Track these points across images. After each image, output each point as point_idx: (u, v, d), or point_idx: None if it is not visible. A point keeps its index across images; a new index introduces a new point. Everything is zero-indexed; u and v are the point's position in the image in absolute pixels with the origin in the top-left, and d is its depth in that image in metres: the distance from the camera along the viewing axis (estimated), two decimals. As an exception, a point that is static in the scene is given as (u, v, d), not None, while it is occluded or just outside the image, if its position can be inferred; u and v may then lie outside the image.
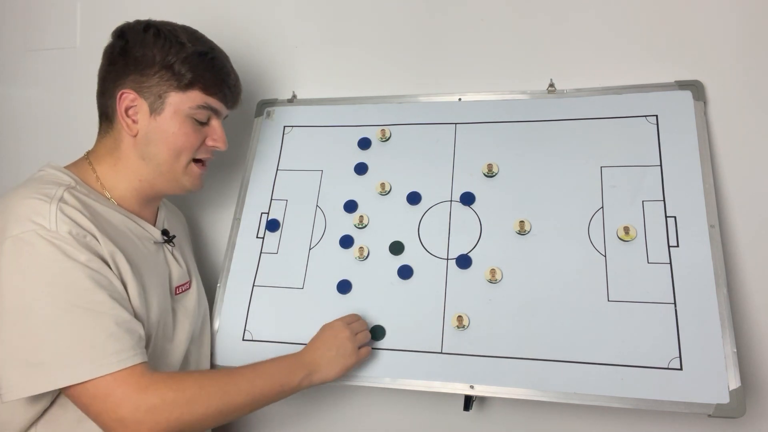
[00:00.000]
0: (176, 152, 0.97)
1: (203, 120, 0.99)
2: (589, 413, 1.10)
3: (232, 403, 0.86)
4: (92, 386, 0.79)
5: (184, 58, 0.95)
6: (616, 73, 1.13)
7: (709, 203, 0.99)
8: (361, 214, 1.15)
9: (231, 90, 1.03)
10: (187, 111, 0.96)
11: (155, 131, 0.96)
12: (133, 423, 0.78)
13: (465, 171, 1.13)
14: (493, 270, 1.04)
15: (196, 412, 0.82)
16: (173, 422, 0.80)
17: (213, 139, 1.02)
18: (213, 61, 0.99)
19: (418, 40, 1.26)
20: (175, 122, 0.96)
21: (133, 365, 0.81)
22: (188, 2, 1.38)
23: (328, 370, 0.95)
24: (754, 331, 1.03)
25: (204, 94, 0.98)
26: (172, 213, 1.17)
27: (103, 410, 0.79)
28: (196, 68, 0.96)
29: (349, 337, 0.98)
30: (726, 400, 0.88)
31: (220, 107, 1.01)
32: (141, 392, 0.79)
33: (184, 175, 1.00)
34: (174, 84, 0.95)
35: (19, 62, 1.52)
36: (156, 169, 0.98)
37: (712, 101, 1.08)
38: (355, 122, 1.23)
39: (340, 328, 0.99)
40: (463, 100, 1.19)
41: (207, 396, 0.83)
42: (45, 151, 1.49)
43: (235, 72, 1.05)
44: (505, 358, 0.99)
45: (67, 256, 0.81)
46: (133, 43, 0.96)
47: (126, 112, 0.95)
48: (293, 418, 1.26)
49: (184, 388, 0.82)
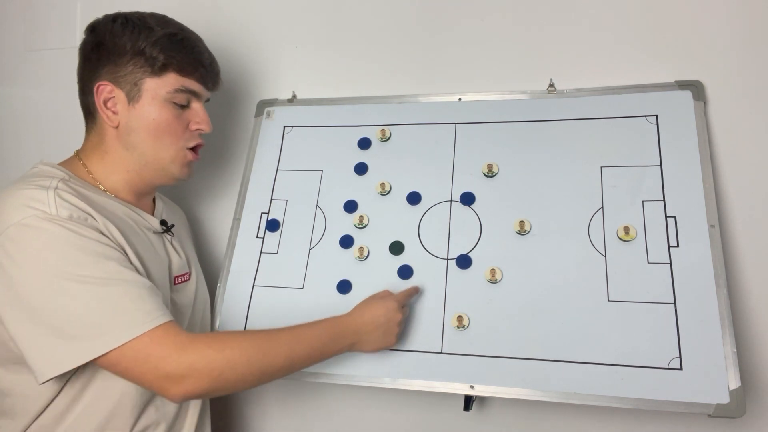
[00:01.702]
0: (159, 139, 0.97)
1: (183, 103, 0.98)
2: (589, 413, 1.10)
3: (272, 365, 0.86)
4: (130, 349, 0.79)
5: (154, 41, 0.95)
6: (616, 73, 1.13)
7: (709, 203, 0.99)
8: (361, 214, 1.15)
9: (207, 69, 1.01)
10: (164, 95, 0.96)
11: (135, 119, 0.95)
12: (179, 378, 0.79)
13: (465, 171, 1.13)
14: (493, 270, 1.04)
15: (237, 371, 0.82)
16: (215, 379, 0.80)
17: (196, 122, 1.01)
18: (183, 41, 0.98)
19: (418, 40, 1.26)
20: (154, 108, 0.95)
21: (166, 322, 0.81)
22: (188, 2, 1.38)
23: (368, 345, 0.96)
24: (754, 331, 1.03)
25: (179, 75, 0.97)
26: (170, 207, 1.18)
27: (147, 370, 0.79)
28: (167, 50, 0.95)
29: (399, 322, 0.98)
30: (726, 400, 0.88)
31: (198, 89, 1.00)
32: (181, 350, 0.80)
33: (171, 163, 1.00)
34: (148, 70, 0.95)
35: (19, 62, 1.52)
36: (141, 158, 0.97)
37: (712, 101, 1.08)
38: (355, 122, 1.23)
39: (394, 310, 0.98)
40: (463, 100, 1.19)
41: (247, 357, 0.83)
42: (45, 150, 1.49)
43: (210, 52, 1.04)
44: (505, 358, 0.99)
45: (76, 233, 0.82)
46: (104, 35, 0.96)
47: (105, 104, 0.95)
48: (293, 418, 1.26)
49: (224, 348, 0.82)
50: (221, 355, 0.81)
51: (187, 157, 1.01)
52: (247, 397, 1.28)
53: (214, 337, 0.86)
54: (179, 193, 1.31)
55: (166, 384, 0.79)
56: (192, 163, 1.03)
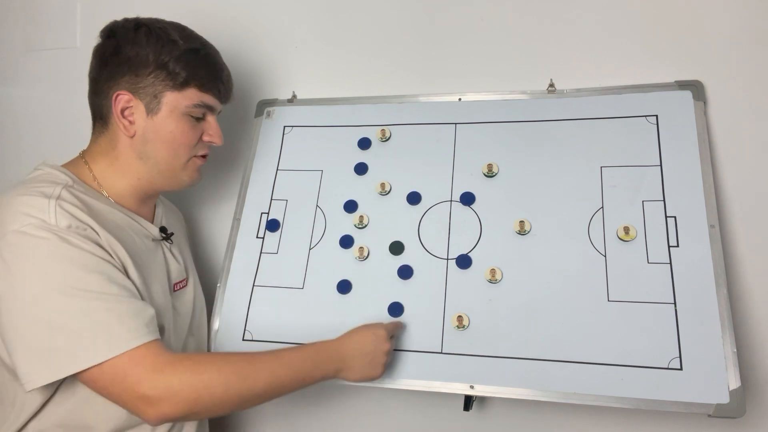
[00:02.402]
0: (174, 150, 0.98)
1: (199, 116, 1.00)
2: (589, 413, 1.10)
3: (251, 390, 0.84)
4: (109, 367, 0.79)
5: (177, 56, 0.95)
6: (616, 73, 1.13)
7: (709, 203, 0.99)
8: (361, 214, 1.15)
9: (225, 85, 1.04)
10: (183, 109, 0.97)
11: (152, 131, 0.96)
12: (155, 400, 0.78)
13: (465, 171, 1.13)
14: (493, 270, 1.04)
15: (215, 395, 0.81)
16: (192, 402, 0.79)
17: (209, 134, 1.02)
18: (206, 57, 1.00)
19: (418, 40, 1.26)
20: (172, 121, 0.96)
21: (147, 342, 0.81)
22: (188, 2, 1.38)
23: (353, 373, 0.94)
24: (754, 331, 1.03)
25: (200, 91, 0.98)
26: (170, 211, 1.18)
27: (123, 390, 0.79)
28: (190, 66, 0.96)
29: (386, 352, 0.96)
30: (726, 400, 0.88)
31: (214, 103, 1.02)
32: (158, 372, 0.79)
33: (182, 171, 1.01)
34: (169, 84, 0.95)
35: (19, 62, 1.52)
36: (154, 167, 0.98)
37: (712, 101, 1.08)
38: (355, 122, 1.23)
39: (383, 339, 0.96)
40: (463, 100, 1.19)
41: (225, 381, 0.82)
42: (46, 151, 1.49)
43: (227, 67, 1.06)
44: (505, 358, 0.99)
45: (71, 245, 0.82)
46: (125, 42, 0.95)
47: (122, 113, 0.95)
48: (293, 417, 1.26)
49: (202, 371, 0.81)
50: (199, 378, 0.80)
51: (196, 164, 1.03)
52: (247, 397, 1.28)
53: (194, 359, 0.83)
54: (179, 194, 1.31)
55: (141, 405, 0.79)
56: (201, 168, 1.05)
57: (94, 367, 0.79)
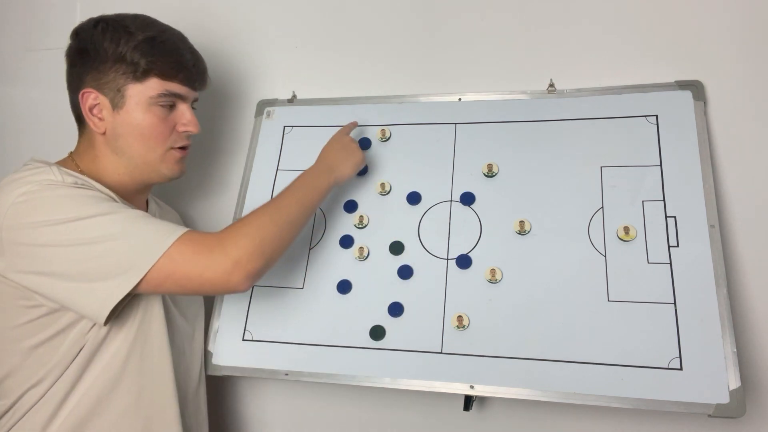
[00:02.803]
0: (146, 143, 0.97)
1: (169, 105, 0.98)
2: (589, 413, 1.10)
3: (290, 214, 0.94)
4: (168, 263, 0.83)
5: (134, 46, 0.94)
6: (616, 73, 1.13)
7: (709, 203, 0.99)
8: (361, 214, 1.15)
9: (191, 71, 1.00)
10: (148, 101, 0.96)
11: (121, 125, 0.96)
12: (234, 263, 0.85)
13: (465, 171, 1.13)
14: (493, 270, 1.04)
15: (271, 231, 0.90)
16: (259, 247, 0.87)
17: (183, 123, 1.00)
18: (165, 44, 0.97)
19: (418, 40, 1.26)
20: (139, 113, 0.96)
21: (188, 232, 0.86)
22: (188, 2, 1.38)
23: (344, 167, 1.07)
24: (754, 331, 1.03)
25: (162, 80, 0.96)
26: (164, 210, 1.17)
27: (203, 268, 0.84)
28: (148, 55, 0.95)
29: (351, 139, 1.11)
30: (726, 400, 0.88)
31: (183, 91, 0.99)
32: (220, 238, 0.87)
33: (161, 163, 1.00)
34: (130, 76, 0.95)
35: (19, 62, 1.52)
36: (130, 162, 0.98)
37: (712, 101, 1.08)
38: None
39: (341, 133, 1.12)
40: (463, 100, 1.19)
41: (269, 217, 0.92)
42: (46, 150, 1.48)
43: (194, 51, 1.03)
44: (505, 358, 0.99)
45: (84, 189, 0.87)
46: (86, 40, 0.96)
47: (91, 111, 0.96)
48: (293, 417, 1.26)
49: (246, 223, 0.90)
50: (251, 226, 0.89)
51: (175, 156, 1.01)
52: (247, 396, 1.28)
53: (235, 224, 0.92)
54: (179, 193, 1.31)
55: (228, 274, 0.84)
56: (183, 159, 1.03)
57: (161, 262, 0.83)
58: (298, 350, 1.07)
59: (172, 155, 1.01)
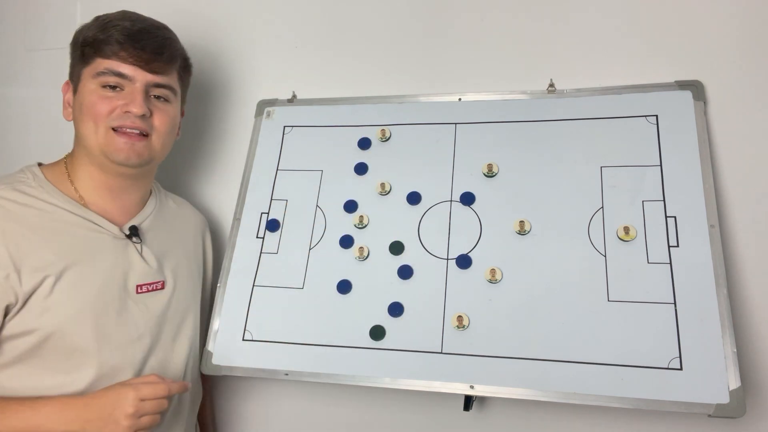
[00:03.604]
0: (89, 122, 0.97)
1: (112, 85, 0.97)
2: (589, 413, 1.10)
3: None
4: None
5: (88, 34, 0.99)
6: (616, 73, 1.13)
7: (709, 203, 0.99)
8: (361, 214, 1.15)
9: (137, 49, 0.97)
10: (92, 80, 0.98)
11: (76, 108, 1.00)
12: None
13: (465, 171, 1.13)
14: (493, 270, 1.04)
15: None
16: None
17: (126, 102, 0.97)
18: (114, 27, 0.97)
19: (418, 40, 1.26)
20: (86, 93, 0.98)
21: None
22: (188, 3, 1.38)
23: None
24: (754, 331, 1.03)
25: (102, 58, 0.97)
26: (179, 214, 1.16)
27: None
28: (96, 37, 0.98)
29: (128, 416, 0.85)
30: (726, 400, 0.88)
31: (127, 70, 0.97)
32: None
33: (105, 145, 0.97)
34: (81, 59, 0.99)
35: (19, 62, 1.52)
36: (84, 144, 0.99)
37: (712, 101, 1.08)
38: (355, 122, 1.23)
39: (126, 402, 0.85)
40: (463, 100, 1.19)
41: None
42: (45, 151, 1.49)
43: (154, 33, 1.00)
44: (505, 358, 0.99)
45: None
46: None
47: (68, 103, 1.02)
48: (293, 417, 1.26)
49: None
50: None
51: (114, 138, 0.97)
52: (247, 396, 1.28)
53: None
54: (179, 193, 1.31)
55: None
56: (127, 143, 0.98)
57: None
58: (298, 350, 1.07)
59: (112, 137, 0.97)
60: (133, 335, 0.98)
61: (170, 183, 1.25)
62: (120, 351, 0.96)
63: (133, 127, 0.98)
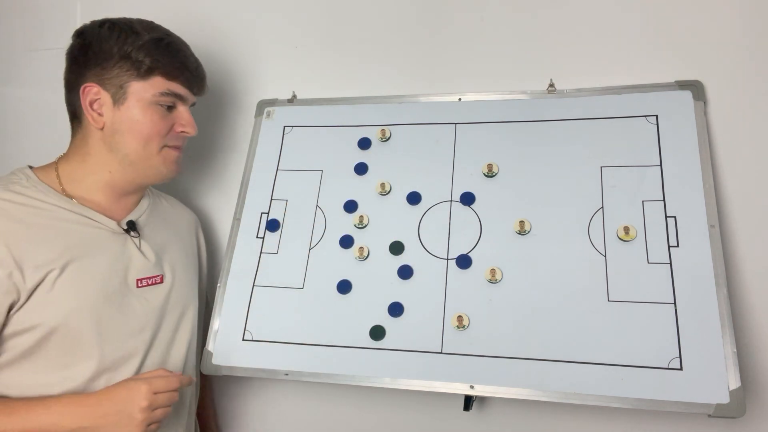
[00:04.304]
0: (143, 140, 0.99)
1: (169, 104, 1.00)
2: (589, 413, 1.10)
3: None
4: None
5: (140, 45, 0.97)
6: (616, 73, 1.13)
7: (709, 203, 0.99)
8: (361, 214, 1.15)
9: (192, 74, 1.03)
10: (150, 98, 0.98)
11: (120, 121, 0.97)
12: None
13: (465, 171, 1.13)
14: (493, 270, 1.04)
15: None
16: None
17: (181, 124, 1.02)
18: (169, 46, 1.00)
19: (418, 40, 1.26)
20: (139, 110, 0.97)
21: None
22: (188, 2, 1.38)
23: None
24: (754, 331, 1.03)
25: (165, 79, 0.99)
26: (172, 211, 1.17)
27: None
28: (153, 54, 0.97)
29: (142, 409, 0.86)
30: (726, 400, 0.88)
31: (184, 93, 1.02)
32: None
33: (155, 162, 1.01)
34: (134, 73, 0.97)
35: (19, 62, 1.52)
36: (124, 159, 0.99)
37: (712, 101, 1.08)
38: (355, 122, 1.23)
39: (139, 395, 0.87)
40: (463, 100, 1.19)
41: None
42: (44, 151, 1.49)
43: (195, 57, 1.06)
44: (505, 358, 0.99)
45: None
46: (91, 39, 0.98)
47: (91, 106, 0.97)
48: (293, 417, 1.26)
49: None
50: None
51: (171, 155, 1.03)
52: (247, 396, 1.28)
53: None
54: (179, 194, 1.31)
55: None
56: (178, 160, 1.05)
57: None
58: (298, 350, 1.07)
59: (168, 153, 1.02)
60: (134, 328, 0.98)
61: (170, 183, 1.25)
62: (121, 344, 0.96)
63: (182, 146, 1.05)
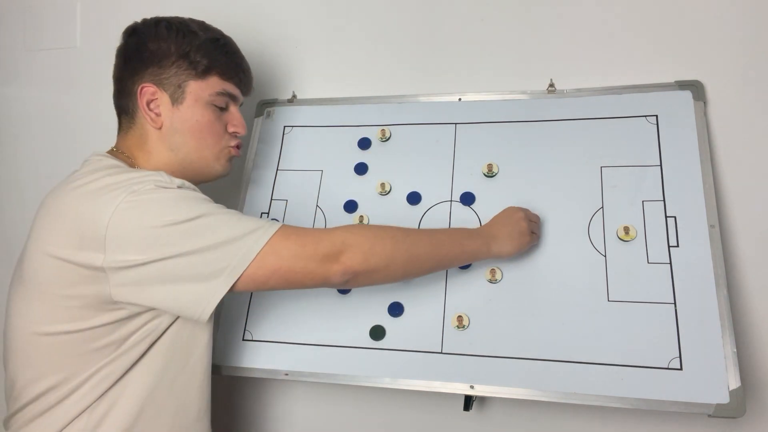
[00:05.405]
0: (203, 140, 1.00)
1: (222, 106, 1.02)
2: (589, 413, 1.10)
3: (415, 247, 0.91)
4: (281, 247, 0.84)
5: (198, 45, 0.98)
6: (616, 73, 1.13)
7: (709, 203, 0.99)
8: (361, 214, 1.15)
9: (245, 75, 1.06)
10: (207, 98, 0.99)
11: (179, 121, 0.98)
12: (336, 254, 0.86)
13: (465, 171, 1.14)
14: (493, 270, 1.04)
15: (386, 246, 0.88)
16: (367, 252, 0.86)
17: (233, 124, 1.04)
18: (226, 46, 1.03)
19: (418, 40, 1.26)
20: (197, 110, 0.98)
21: (284, 227, 0.86)
22: (188, 2, 1.38)
23: (503, 244, 0.98)
24: (754, 331, 1.03)
25: (221, 79, 1.01)
26: None
27: (306, 258, 0.85)
28: (210, 54, 0.99)
29: (523, 218, 1.00)
30: (726, 400, 0.88)
31: (237, 93, 1.04)
32: (327, 231, 0.88)
33: (216, 160, 1.02)
34: (192, 72, 0.98)
35: (19, 62, 1.52)
36: (185, 158, 0.99)
37: (712, 101, 1.08)
38: (355, 122, 1.23)
39: (515, 210, 1.01)
40: (463, 100, 1.19)
41: (392, 234, 0.90)
42: (45, 151, 1.49)
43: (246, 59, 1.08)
44: (505, 358, 0.99)
45: (190, 191, 0.89)
46: (146, 38, 0.98)
47: (148, 106, 0.97)
48: (293, 417, 1.26)
49: (367, 227, 0.94)
50: (368, 230, 0.90)
51: (231, 153, 1.05)
52: (247, 396, 1.28)
53: (353, 225, 0.97)
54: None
55: (326, 265, 0.85)
56: (233, 158, 1.06)
57: (263, 254, 0.83)
58: (298, 350, 1.07)
59: (228, 152, 1.04)
60: None
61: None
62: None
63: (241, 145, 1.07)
